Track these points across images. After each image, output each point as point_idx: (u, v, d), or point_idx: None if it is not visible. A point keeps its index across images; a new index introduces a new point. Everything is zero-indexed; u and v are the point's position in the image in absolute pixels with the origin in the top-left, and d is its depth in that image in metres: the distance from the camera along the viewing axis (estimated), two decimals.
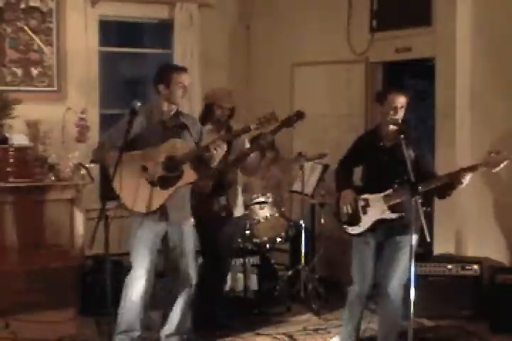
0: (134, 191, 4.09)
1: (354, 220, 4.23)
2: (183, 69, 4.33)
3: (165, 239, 4.29)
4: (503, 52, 5.28)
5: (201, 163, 4.23)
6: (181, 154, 4.15)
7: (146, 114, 4.23)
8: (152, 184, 4.14)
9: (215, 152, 4.11)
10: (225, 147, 4.17)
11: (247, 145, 4.85)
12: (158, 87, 4.24)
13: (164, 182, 4.15)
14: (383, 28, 6.04)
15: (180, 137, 4.24)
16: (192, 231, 4.39)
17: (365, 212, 4.20)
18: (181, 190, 4.25)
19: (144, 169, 4.15)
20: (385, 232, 4.19)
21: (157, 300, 4.54)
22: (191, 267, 4.35)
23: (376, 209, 4.15)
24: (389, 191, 4.10)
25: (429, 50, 5.64)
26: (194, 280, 4.37)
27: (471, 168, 3.92)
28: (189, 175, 4.20)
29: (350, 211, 4.21)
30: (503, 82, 5.28)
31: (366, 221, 4.19)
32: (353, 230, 4.24)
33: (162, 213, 4.20)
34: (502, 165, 3.84)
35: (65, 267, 5.38)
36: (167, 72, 4.24)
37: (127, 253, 4.34)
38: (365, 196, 4.21)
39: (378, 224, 4.17)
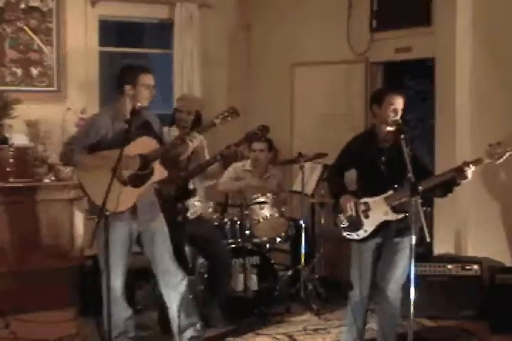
0: (105, 191, 4.06)
1: (356, 225, 4.17)
2: (148, 71, 4.27)
3: (139, 239, 4.29)
4: (503, 52, 5.28)
5: (170, 159, 4.26)
6: (151, 151, 4.14)
7: (110, 114, 4.20)
8: (123, 183, 4.11)
9: (190, 143, 4.13)
10: (199, 138, 4.20)
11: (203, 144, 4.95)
12: (124, 87, 4.19)
13: (135, 181, 4.12)
14: (383, 28, 6.04)
15: (146, 135, 4.21)
16: (165, 229, 4.36)
17: (366, 216, 4.14)
18: (150, 189, 4.24)
19: (114, 169, 4.10)
20: (384, 234, 4.17)
21: (154, 300, 4.55)
22: (172, 264, 4.32)
23: (378, 211, 4.11)
24: (390, 192, 4.08)
25: (429, 50, 5.64)
26: (180, 276, 4.33)
27: (476, 161, 3.90)
28: (159, 172, 4.19)
29: (354, 214, 4.13)
30: (503, 81, 5.28)
31: (370, 225, 4.14)
32: (358, 235, 4.17)
33: (133, 213, 4.18)
34: (505, 156, 3.81)
35: (65, 267, 5.38)
36: (133, 73, 4.21)
37: None
38: (365, 200, 4.15)
39: (381, 227, 4.14)
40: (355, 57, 6.27)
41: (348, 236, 4.24)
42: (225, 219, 5.44)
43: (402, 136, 3.90)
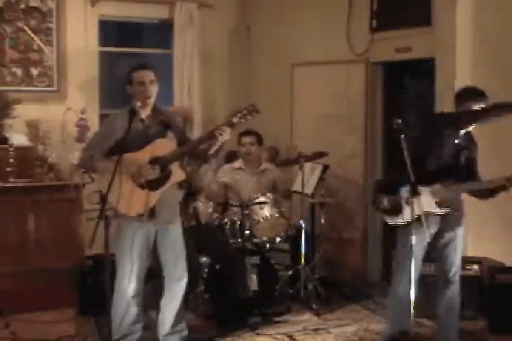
0: (124, 195, 4.07)
1: (396, 210, 4.14)
2: (141, 67, 4.26)
3: (154, 239, 4.29)
4: (503, 52, 5.28)
5: (200, 154, 4.26)
6: (168, 154, 4.14)
7: (125, 116, 4.16)
8: (141, 186, 4.13)
9: (220, 137, 4.09)
10: (229, 132, 4.12)
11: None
12: (127, 88, 4.24)
13: (153, 184, 4.13)
14: (383, 28, 6.04)
15: (164, 135, 4.21)
16: (180, 232, 4.37)
17: (408, 203, 4.10)
18: (170, 191, 4.24)
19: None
20: (436, 225, 4.20)
21: (154, 300, 4.55)
22: (181, 267, 4.34)
23: (422, 201, 4.05)
24: (437, 185, 4.09)
25: (429, 50, 5.64)
26: (184, 280, 4.35)
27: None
28: (177, 174, 4.19)
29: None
30: (503, 82, 5.27)
31: (408, 213, 4.07)
32: (395, 220, 4.14)
33: (151, 214, 4.18)
34: None
35: (65, 267, 5.38)
36: (129, 73, 4.23)
37: None
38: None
39: (425, 217, 4.08)
40: (355, 57, 6.26)
41: (385, 219, 4.22)
42: (225, 219, 5.45)
43: (402, 136, 3.91)
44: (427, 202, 4.09)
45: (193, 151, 4.23)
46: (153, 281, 4.54)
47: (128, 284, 4.21)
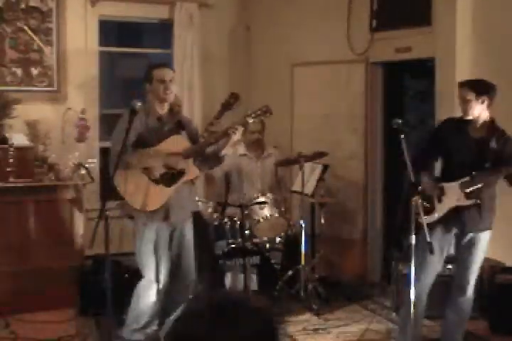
0: (138, 190, 4.09)
1: (429, 209, 4.16)
2: (162, 65, 4.42)
3: (171, 237, 4.31)
4: (503, 52, 5.28)
5: (208, 157, 4.32)
6: (183, 150, 4.16)
7: (144, 113, 4.24)
8: (156, 182, 4.14)
9: (233, 135, 4.15)
10: (241, 131, 4.21)
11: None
12: (146, 86, 4.33)
13: (167, 180, 4.15)
14: (383, 28, 6.04)
15: (178, 134, 4.28)
16: (192, 230, 4.39)
17: (440, 201, 4.17)
18: (185, 188, 4.26)
19: (147, 167, 4.15)
20: (454, 225, 4.20)
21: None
22: (192, 266, 4.36)
23: (451, 196, 4.14)
24: (466, 178, 4.11)
25: (429, 50, 5.64)
26: (191, 281, 4.39)
27: None
28: (192, 171, 4.21)
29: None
30: (503, 82, 5.26)
31: (440, 209, 4.15)
32: (427, 219, 4.03)
33: (166, 212, 4.20)
34: None
35: (65, 267, 5.38)
36: (149, 71, 4.34)
37: (127, 254, 4.34)
38: (441, 184, 4.18)
39: (453, 213, 4.15)
40: (355, 57, 6.26)
41: (419, 220, 4.21)
42: (225, 219, 5.45)
43: (402, 136, 3.91)
44: (456, 196, 4.13)
45: (204, 152, 4.27)
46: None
47: (150, 287, 4.24)
